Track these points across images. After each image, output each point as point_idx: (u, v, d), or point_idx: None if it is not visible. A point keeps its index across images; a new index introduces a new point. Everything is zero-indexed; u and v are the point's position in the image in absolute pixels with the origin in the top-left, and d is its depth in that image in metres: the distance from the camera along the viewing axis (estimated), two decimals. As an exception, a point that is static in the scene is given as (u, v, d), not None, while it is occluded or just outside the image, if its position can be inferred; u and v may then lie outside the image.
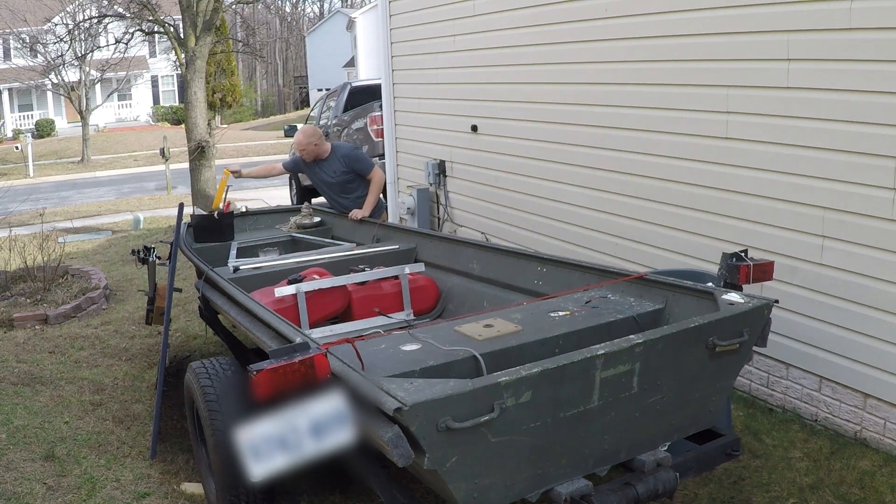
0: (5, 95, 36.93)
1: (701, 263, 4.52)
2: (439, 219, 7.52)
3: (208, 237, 5.48)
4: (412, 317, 4.35)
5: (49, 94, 35.98)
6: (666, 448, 2.80)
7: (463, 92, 6.90)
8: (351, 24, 38.20)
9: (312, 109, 13.90)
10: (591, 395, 2.44)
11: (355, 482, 3.70)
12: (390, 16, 7.99)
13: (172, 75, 38.81)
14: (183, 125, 15.68)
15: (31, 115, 37.65)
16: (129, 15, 13.37)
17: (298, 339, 2.75)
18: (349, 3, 58.68)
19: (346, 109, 11.12)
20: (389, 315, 4.24)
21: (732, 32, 4.21)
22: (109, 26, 20.68)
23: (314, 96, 41.32)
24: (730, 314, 2.75)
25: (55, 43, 23.82)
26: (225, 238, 5.51)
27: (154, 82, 40.60)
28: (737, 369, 2.92)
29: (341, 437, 2.30)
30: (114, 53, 16.97)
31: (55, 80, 29.23)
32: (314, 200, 11.57)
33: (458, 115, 6.97)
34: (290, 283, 4.15)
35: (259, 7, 48.96)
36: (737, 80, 4.22)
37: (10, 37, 33.08)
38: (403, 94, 8.04)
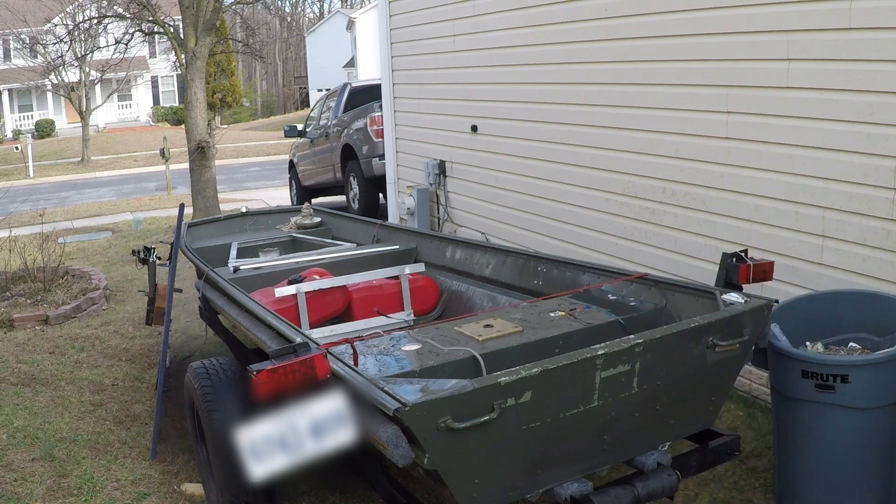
0: (5, 96, 36.92)
1: (701, 263, 4.52)
2: (439, 219, 7.51)
3: None
4: (412, 317, 4.35)
5: (49, 94, 35.97)
6: (666, 448, 2.80)
7: (463, 92, 6.90)
8: (351, 25, 38.21)
9: (312, 110, 13.89)
10: (591, 395, 2.44)
11: (355, 482, 3.70)
12: (390, 16, 7.99)
13: (172, 76, 38.79)
14: (183, 126, 15.66)
15: (31, 116, 37.64)
16: (128, 15, 13.34)
17: (298, 340, 2.75)
18: (349, 3, 58.69)
19: (345, 110, 11.11)
20: (389, 315, 4.24)
21: (732, 32, 4.21)
22: (109, 27, 20.67)
23: (314, 96, 41.31)
24: (730, 314, 2.75)
25: (55, 43, 23.81)
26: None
27: (154, 83, 40.58)
28: (737, 369, 2.92)
29: (341, 437, 2.30)
30: (114, 54, 16.93)
31: (55, 81, 29.21)
32: (314, 201, 11.59)
33: (458, 115, 6.97)
34: (290, 283, 4.15)
35: (259, 7, 48.96)
36: (737, 80, 4.22)
37: (10, 37, 33.07)
38: (403, 94, 8.04)
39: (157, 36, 18.02)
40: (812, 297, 3.48)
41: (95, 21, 17.20)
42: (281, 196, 15.44)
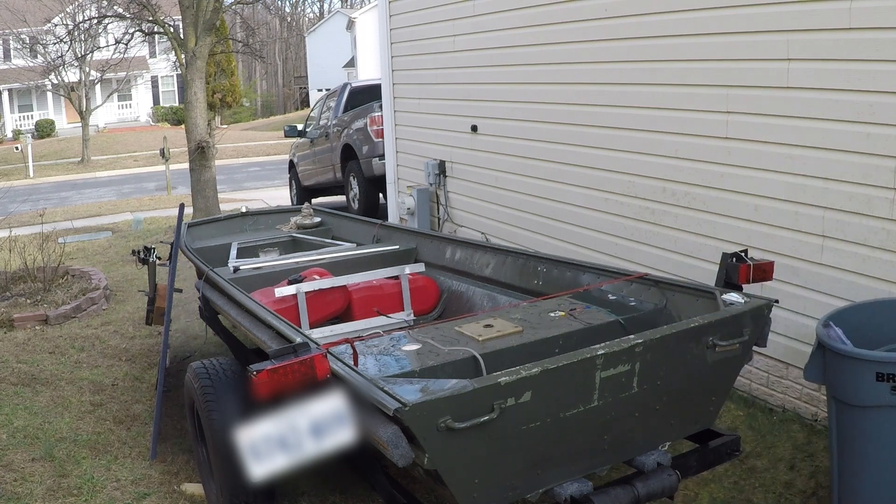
0: (5, 96, 36.91)
1: (701, 263, 4.52)
2: (439, 219, 7.52)
3: None
4: (412, 317, 4.35)
5: (49, 94, 35.97)
6: (666, 448, 2.80)
7: (463, 92, 6.90)
8: (351, 24, 38.22)
9: (312, 110, 13.89)
10: (591, 395, 2.44)
11: (355, 482, 3.70)
12: (390, 16, 7.99)
13: (172, 76, 38.78)
14: (183, 125, 15.66)
15: (31, 116, 37.63)
16: (128, 15, 13.35)
17: (298, 340, 2.75)
18: (349, 3, 58.70)
19: (345, 110, 11.11)
20: (389, 315, 4.24)
21: (732, 32, 4.21)
22: (109, 27, 20.68)
23: (314, 96, 41.32)
24: (730, 314, 2.75)
25: (55, 43, 23.83)
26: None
27: (154, 83, 40.57)
28: (737, 369, 2.92)
29: (341, 437, 2.30)
30: (114, 54, 16.94)
31: (55, 81, 29.21)
32: (314, 201, 11.59)
33: (458, 115, 6.97)
34: (290, 283, 4.15)
35: (259, 7, 48.96)
36: (737, 80, 4.22)
37: (10, 37, 33.07)
38: (403, 94, 8.04)
39: (157, 36, 18.02)
40: (856, 307, 3.33)
41: (95, 21, 17.20)
42: (281, 196, 15.45)
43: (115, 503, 3.67)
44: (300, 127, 12.63)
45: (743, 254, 3.13)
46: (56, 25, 28.08)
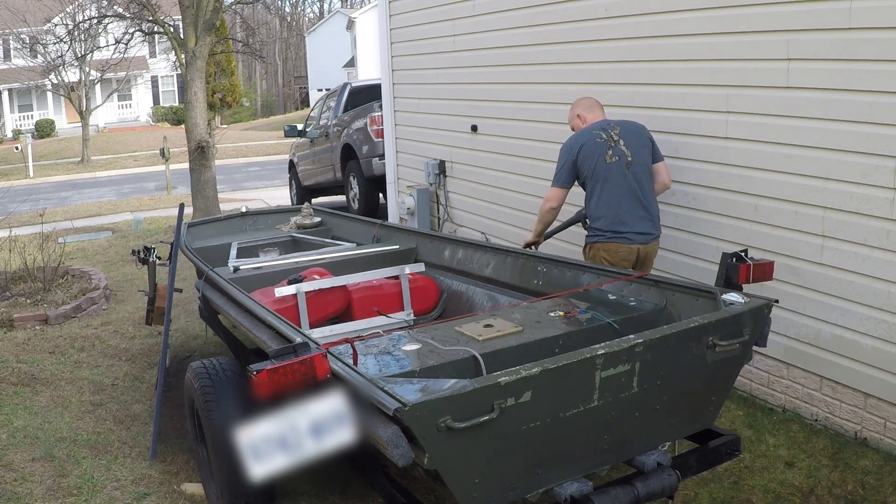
0: (5, 96, 36.90)
1: (701, 263, 4.52)
2: (439, 219, 7.52)
3: None
4: (412, 317, 4.35)
5: (49, 94, 35.96)
6: (666, 448, 2.80)
7: (463, 92, 6.90)
8: (351, 24, 38.21)
9: (312, 110, 13.89)
10: (591, 395, 2.44)
11: (355, 482, 3.70)
12: (390, 16, 8.00)
13: (172, 75, 38.76)
14: (183, 125, 15.66)
15: (31, 116, 37.62)
16: (128, 15, 13.34)
17: (298, 340, 2.75)
18: (349, 3, 58.71)
19: (345, 109, 11.11)
20: (389, 315, 4.24)
21: (732, 32, 4.22)
22: (109, 27, 20.68)
23: (314, 96, 41.32)
24: (730, 314, 2.75)
25: (55, 43, 23.83)
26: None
27: (154, 82, 40.56)
28: (737, 369, 2.92)
29: (341, 437, 2.30)
30: (114, 54, 16.95)
31: (55, 81, 29.22)
32: (314, 201, 11.59)
33: (458, 115, 6.97)
34: (290, 283, 4.15)
35: (259, 7, 48.96)
36: (737, 80, 4.22)
37: (10, 37, 33.08)
38: (403, 94, 8.04)
39: (157, 36, 18.02)
40: None
41: (95, 21, 17.20)
42: (281, 196, 15.45)
43: (115, 503, 3.67)
44: (300, 127, 12.63)
45: (743, 254, 3.13)
46: (56, 25, 28.10)
